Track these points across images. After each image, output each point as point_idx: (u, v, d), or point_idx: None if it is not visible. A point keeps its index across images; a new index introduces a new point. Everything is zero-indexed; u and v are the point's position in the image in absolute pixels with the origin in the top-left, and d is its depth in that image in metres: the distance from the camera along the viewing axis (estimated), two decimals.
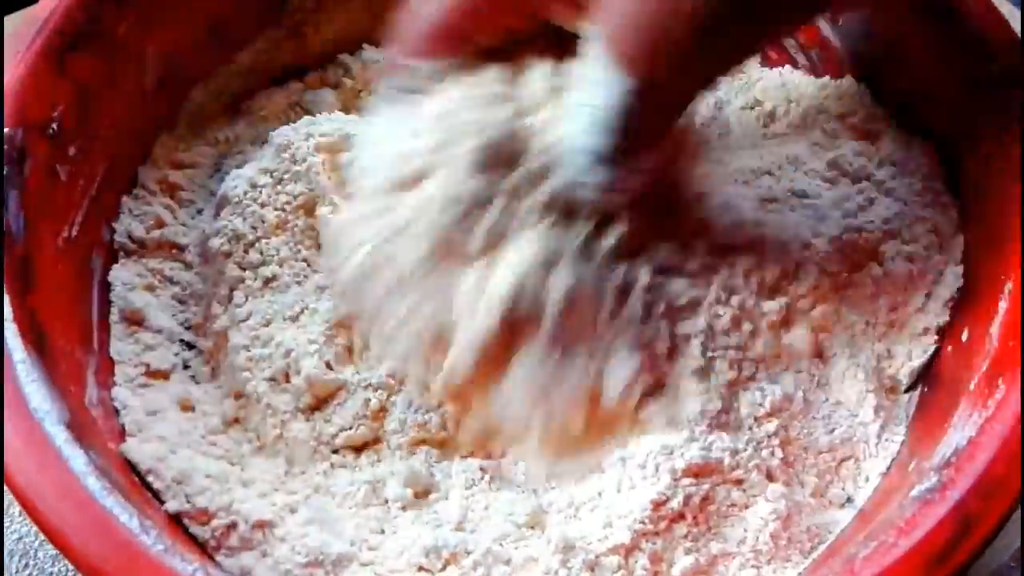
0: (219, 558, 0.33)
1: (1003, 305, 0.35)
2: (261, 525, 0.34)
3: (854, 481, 0.37)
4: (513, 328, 0.34)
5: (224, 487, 0.35)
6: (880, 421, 0.37)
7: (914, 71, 0.42)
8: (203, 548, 0.34)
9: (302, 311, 0.39)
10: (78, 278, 0.39)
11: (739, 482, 0.35)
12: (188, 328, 0.41)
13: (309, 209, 0.41)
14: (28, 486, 0.30)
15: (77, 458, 0.31)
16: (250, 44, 0.47)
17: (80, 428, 0.33)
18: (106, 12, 0.40)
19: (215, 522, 0.34)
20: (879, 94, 0.44)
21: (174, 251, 0.42)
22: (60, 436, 0.32)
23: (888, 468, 0.36)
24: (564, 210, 0.34)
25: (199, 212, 0.44)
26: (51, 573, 0.39)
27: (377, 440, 0.38)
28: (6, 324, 0.33)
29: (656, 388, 0.35)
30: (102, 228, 0.41)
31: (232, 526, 0.34)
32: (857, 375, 0.37)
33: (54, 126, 0.38)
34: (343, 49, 0.48)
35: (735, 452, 0.35)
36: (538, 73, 0.35)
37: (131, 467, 0.35)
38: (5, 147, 0.36)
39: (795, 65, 0.47)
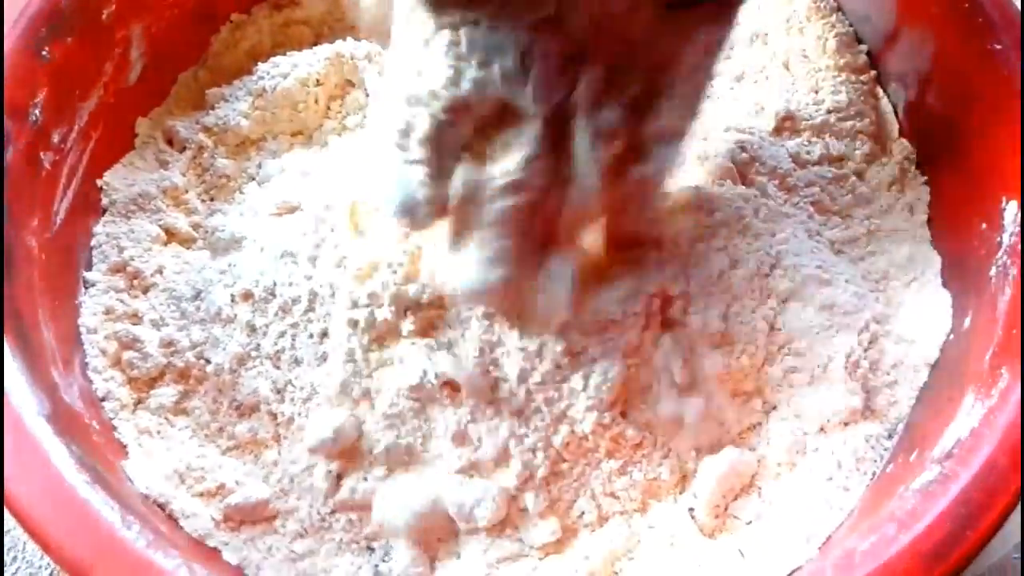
0: None
1: (1007, 292, 0.34)
2: None
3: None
4: None
5: None
6: None
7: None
8: None
9: None
10: (63, 268, 0.38)
11: None
12: None
13: None
14: (8, 480, 0.30)
15: (59, 451, 0.31)
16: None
17: (62, 421, 0.32)
18: None
19: None
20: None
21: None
22: (41, 429, 0.31)
23: None
24: None
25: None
26: (40, 567, 0.38)
27: None
28: None
29: None
30: (89, 218, 0.40)
31: None
32: None
33: (36, 112, 0.37)
34: None
35: None
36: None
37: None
38: None
39: None
